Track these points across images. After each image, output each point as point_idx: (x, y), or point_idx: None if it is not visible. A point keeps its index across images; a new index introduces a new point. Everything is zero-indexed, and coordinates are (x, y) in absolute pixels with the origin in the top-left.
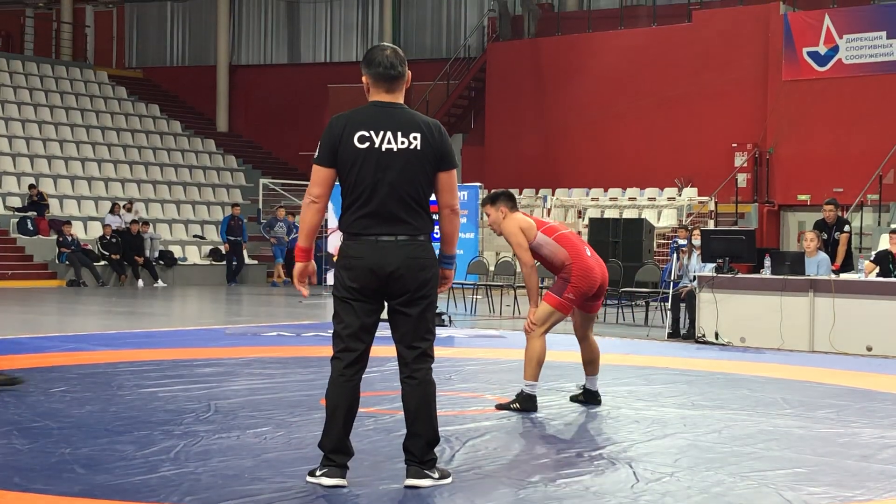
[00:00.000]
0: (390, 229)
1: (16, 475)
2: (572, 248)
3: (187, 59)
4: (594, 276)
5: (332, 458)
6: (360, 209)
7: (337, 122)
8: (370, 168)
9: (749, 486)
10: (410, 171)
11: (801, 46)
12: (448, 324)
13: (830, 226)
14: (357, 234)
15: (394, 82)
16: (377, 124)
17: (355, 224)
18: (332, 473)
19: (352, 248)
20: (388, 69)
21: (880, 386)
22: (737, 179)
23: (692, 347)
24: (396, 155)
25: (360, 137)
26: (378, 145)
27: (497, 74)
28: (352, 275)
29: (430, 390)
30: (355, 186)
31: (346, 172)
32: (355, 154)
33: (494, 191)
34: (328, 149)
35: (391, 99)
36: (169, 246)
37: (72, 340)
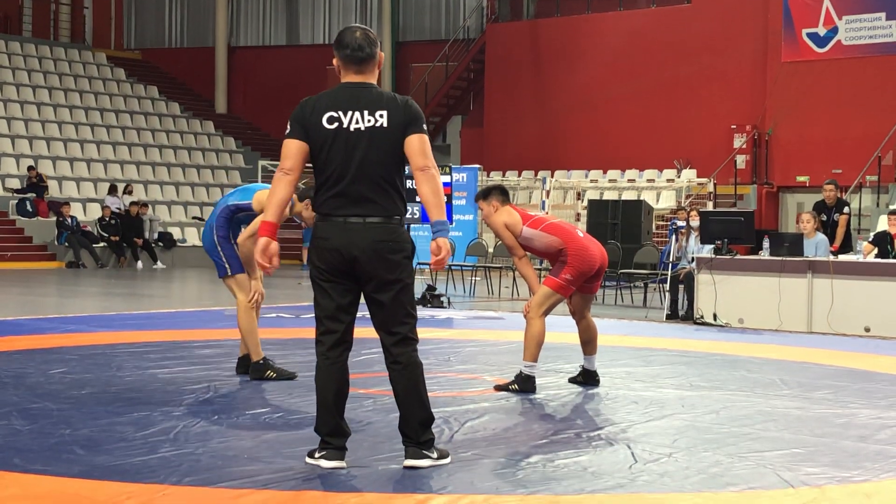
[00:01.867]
0: (359, 210)
1: (15, 456)
2: (563, 233)
3: (186, 40)
4: (592, 256)
5: (329, 440)
6: (330, 189)
7: (306, 105)
8: (339, 149)
9: (747, 467)
10: (380, 150)
11: (801, 28)
12: (447, 305)
13: (830, 207)
14: (327, 215)
15: (363, 64)
16: (346, 105)
17: (326, 204)
18: (330, 456)
19: (321, 228)
20: (356, 51)
21: (878, 367)
22: (736, 161)
23: (690, 329)
24: (364, 134)
25: (328, 118)
26: (346, 125)
27: (496, 56)
28: (320, 256)
29: (416, 372)
30: (325, 167)
31: (317, 154)
32: (325, 135)
33: (487, 185)
34: (299, 125)
35: (361, 80)
36: (168, 228)
37: (71, 322)
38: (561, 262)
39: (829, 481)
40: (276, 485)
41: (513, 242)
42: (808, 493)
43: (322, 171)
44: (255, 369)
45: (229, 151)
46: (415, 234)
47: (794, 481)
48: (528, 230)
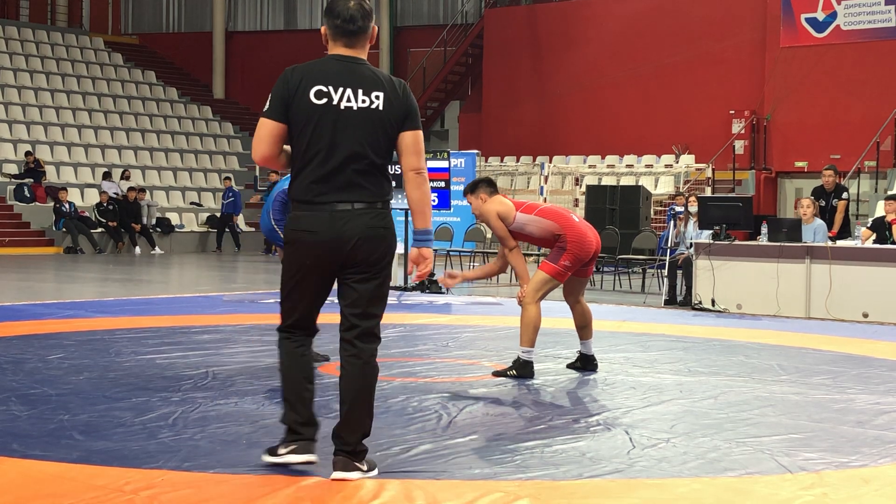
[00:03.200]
0: (347, 196)
1: (14, 441)
2: (559, 217)
3: (183, 25)
4: (589, 242)
5: (302, 431)
6: (314, 173)
7: (292, 75)
8: (327, 128)
9: (745, 452)
10: (371, 133)
11: (799, 13)
12: (445, 291)
13: (829, 192)
14: (310, 202)
15: (354, 37)
16: (337, 80)
17: (308, 190)
18: (302, 448)
19: (304, 218)
20: (348, 22)
21: (876, 352)
22: (734, 146)
23: (689, 314)
24: (356, 114)
25: (317, 93)
26: (336, 103)
27: (494, 41)
28: (305, 248)
29: (373, 374)
30: (309, 148)
31: (300, 132)
32: (311, 111)
33: (474, 179)
34: (281, 102)
35: (352, 54)
36: (166, 213)
37: (69, 307)
38: (559, 247)
39: (826, 466)
40: (275, 470)
41: (504, 233)
42: (806, 478)
43: (305, 152)
44: None
45: (227, 137)
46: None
47: (791, 466)
48: (522, 216)
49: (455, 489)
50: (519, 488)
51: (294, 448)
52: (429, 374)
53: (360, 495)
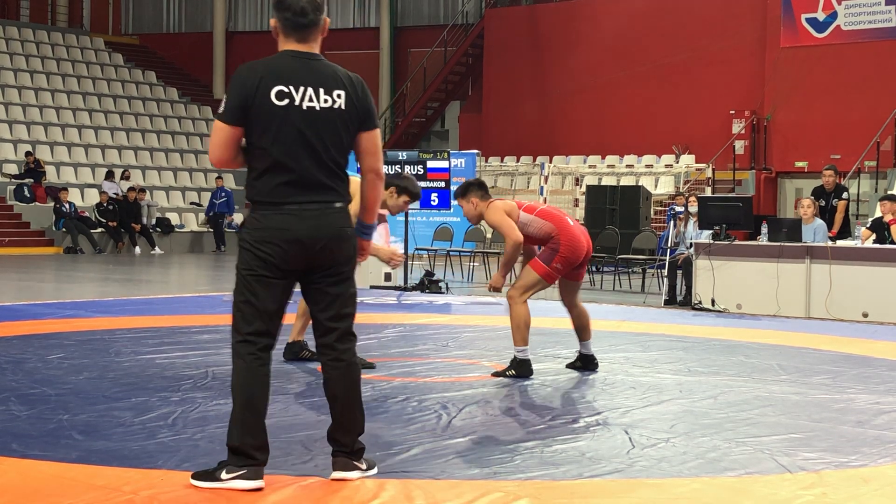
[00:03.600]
0: (315, 196)
1: (14, 441)
2: (556, 220)
3: (183, 25)
4: (580, 246)
5: (256, 455)
6: (280, 175)
7: (250, 75)
8: (291, 129)
9: (745, 452)
10: (334, 133)
11: (800, 13)
12: (445, 291)
13: (829, 192)
14: (278, 203)
15: (305, 31)
16: (297, 79)
17: (275, 192)
18: (252, 474)
19: (272, 219)
20: (299, 16)
21: (876, 352)
22: (734, 146)
23: (689, 314)
24: (319, 115)
25: (278, 93)
26: (298, 103)
27: (495, 41)
28: (273, 249)
29: (357, 372)
30: (273, 149)
31: (261, 133)
32: (273, 113)
33: (464, 182)
34: (239, 104)
35: (306, 49)
36: (166, 213)
37: (69, 307)
38: (551, 249)
39: (826, 466)
40: (274, 470)
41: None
42: (806, 478)
43: (267, 154)
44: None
45: None
46: (421, 220)
47: (791, 466)
48: (524, 215)
49: (455, 489)
50: (519, 488)
51: (242, 473)
52: (429, 374)
53: (360, 495)
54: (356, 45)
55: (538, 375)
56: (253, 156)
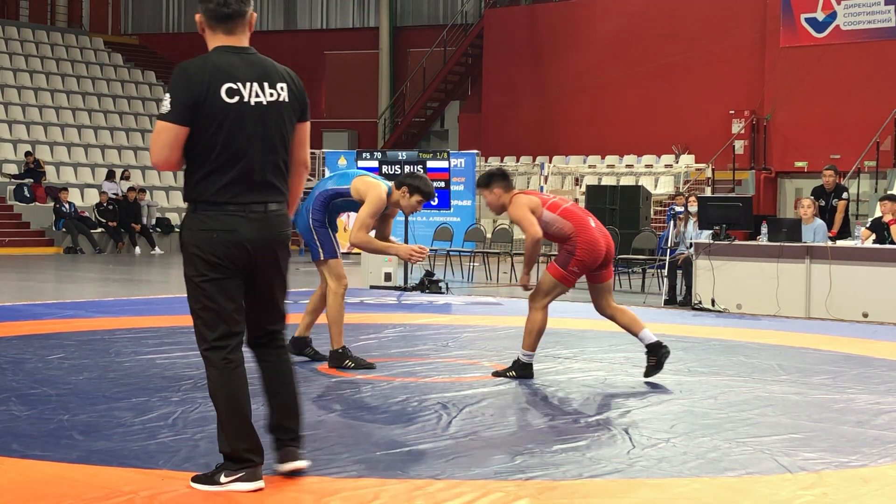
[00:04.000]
0: (262, 197)
1: (14, 441)
2: (578, 221)
3: (183, 25)
4: (599, 249)
5: (252, 457)
6: (227, 174)
7: (198, 73)
8: (240, 126)
9: (745, 452)
10: (280, 128)
11: (799, 13)
12: (445, 291)
13: (829, 192)
14: (223, 204)
15: (231, 22)
16: (244, 75)
17: (222, 192)
18: (251, 476)
19: (219, 220)
20: (221, 6)
21: (876, 352)
22: (734, 146)
23: (689, 314)
24: (266, 109)
25: (228, 90)
26: (247, 99)
27: (494, 41)
28: (222, 251)
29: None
30: (223, 148)
31: (211, 131)
32: (224, 110)
33: (487, 171)
34: (186, 104)
35: (238, 43)
36: (166, 213)
37: (69, 307)
38: (568, 251)
39: (826, 466)
40: (274, 470)
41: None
42: (806, 478)
43: (217, 153)
44: (335, 357)
45: None
46: (421, 220)
47: (791, 466)
48: (548, 214)
49: (455, 489)
50: (519, 488)
51: (241, 476)
52: (429, 374)
53: (361, 495)
54: (356, 45)
55: (538, 375)
56: (199, 155)
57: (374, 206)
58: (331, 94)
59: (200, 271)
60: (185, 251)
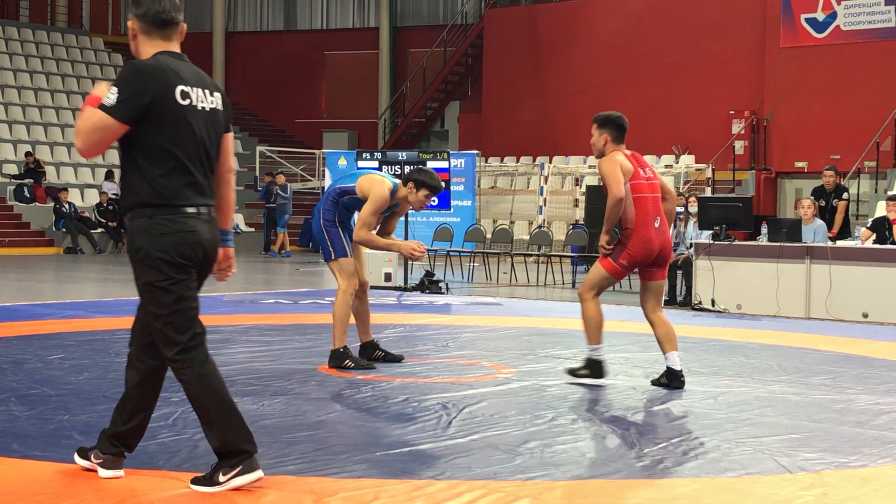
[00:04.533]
0: (207, 199)
1: (14, 442)
2: (642, 214)
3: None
4: (652, 247)
5: (247, 446)
6: (183, 177)
7: (153, 73)
8: (191, 129)
9: (745, 452)
10: (216, 134)
11: (799, 13)
12: (445, 291)
13: (829, 193)
14: (180, 206)
15: (167, 28)
16: (192, 79)
17: (179, 195)
18: (248, 468)
19: (179, 223)
20: (161, 13)
21: (876, 352)
22: (734, 146)
23: (689, 314)
24: (209, 115)
25: (181, 93)
26: (195, 103)
27: (494, 41)
28: (189, 251)
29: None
30: (177, 150)
31: (165, 133)
32: (177, 112)
33: (606, 113)
34: (139, 104)
35: (174, 49)
36: None
37: (69, 307)
38: (621, 243)
39: (826, 467)
40: (274, 469)
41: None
42: (806, 478)
43: (171, 155)
44: (335, 357)
45: None
46: (421, 220)
47: (791, 467)
48: (626, 188)
49: (455, 489)
50: (519, 488)
51: (239, 470)
52: (429, 374)
53: (361, 495)
54: (356, 45)
55: (538, 375)
56: (152, 156)
57: (375, 203)
58: (331, 94)
59: (168, 275)
60: (145, 258)
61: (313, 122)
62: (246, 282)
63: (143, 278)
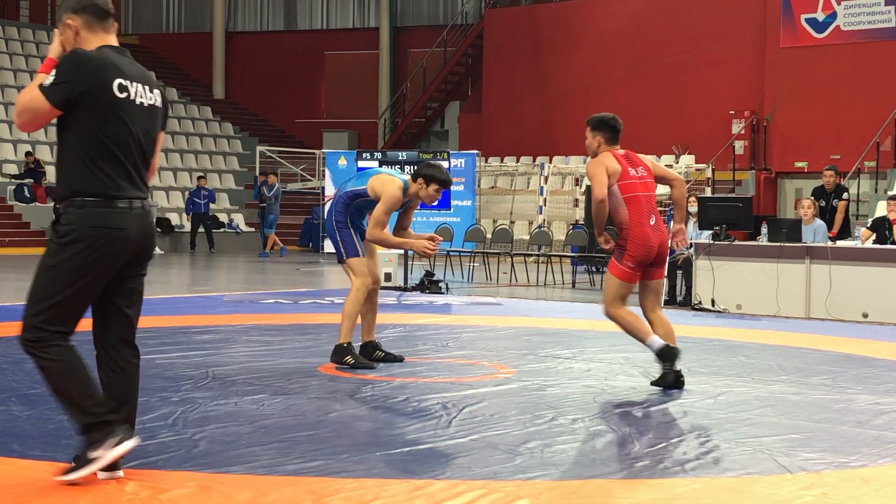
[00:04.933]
0: (140, 193)
1: (14, 442)
2: (636, 213)
3: (183, 25)
4: (650, 245)
5: (112, 416)
6: (114, 168)
7: (92, 64)
8: (126, 122)
9: (744, 452)
10: (153, 129)
11: (799, 13)
12: (445, 291)
13: (829, 193)
14: (113, 198)
15: (106, 21)
16: (131, 74)
17: (111, 186)
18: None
19: (109, 216)
20: (100, 4)
21: (876, 352)
22: (734, 146)
23: (689, 314)
24: (147, 111)
25: (119, 86)
26: (133, 97)
27: (494, 41)
28: (111, 248)
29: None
30: (111, 141)
31: (101, 125)
32: (113, 104)
33: (600, 115)
34: (73, 93)
35: (114, 43)
36: (166, 213)
37: None
38: (620, 245)
39: (826, 467)
40: (274, 469)
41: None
42: (806, 478)
43: (105, 146)
44: (337, 351)
45: (227, 137)
46: (421, 220)
47: (791, 467)
48: (616, 190)
49: (455, 489)
50: (519, 488)
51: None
52: (429, 374)
53: (361, 495)
54: (356, 45)
55: (538, 376)
56: (86, 146)
57: (388, 203)
58: (331, 94)
59: (82, 261)
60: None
61: (313, 122)
62: (246, 282)
63: (54, 259)
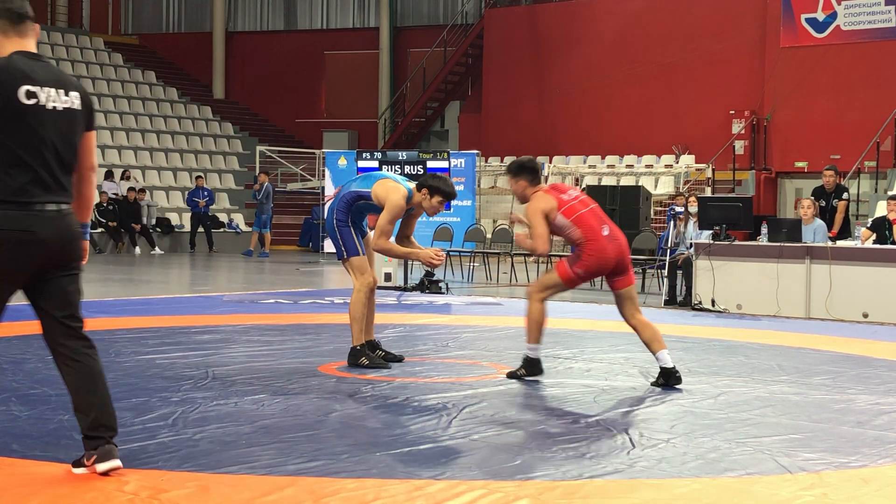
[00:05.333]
0: (55, 198)
1: (14, 442)
2: (588, 229)
3: (183, 25)
4: (607, 257)
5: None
6: (24, 174)
7: None
8: (36, 128)
9: (745, 452)
10: (72, 133)
11: (800, 13)
12: (445, 291)
13: (829, 193)
14: (22, 203)
15: (22, 25)
16: (42, 79)
17: (20, 191)
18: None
19: (17, 220)
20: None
21: (876, 352)
22: (734, 146)
23: (689, 314)
24: (62, 115)
25: (26, 93)
26: (44, 103)
27: (494, 41)
28: (18, 252)
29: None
30: (19, 147)
31: (8, 132)
32: (21, 111)
33: (519, 160)
34: None
35: (30, 48)
36: (166, 213)
37: None
38: (576, 254)
39: (826, 467)
40: (274, 469)
41: (543, 237)
42: (806, 478)
43: (12, 153)
44: (352, 354)
45: (227, 137)
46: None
47: (791, 467)
48: (561, 219)
49: (455, 489)
50: (519, 488)
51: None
52: (429, 374)
53: (361, 495)
54: (356, 45)
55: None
56: None
57: (392, 213)
58: (331, 94)
59: None
60: None
61: (313, 121)
62: (246, 282)
63: None
